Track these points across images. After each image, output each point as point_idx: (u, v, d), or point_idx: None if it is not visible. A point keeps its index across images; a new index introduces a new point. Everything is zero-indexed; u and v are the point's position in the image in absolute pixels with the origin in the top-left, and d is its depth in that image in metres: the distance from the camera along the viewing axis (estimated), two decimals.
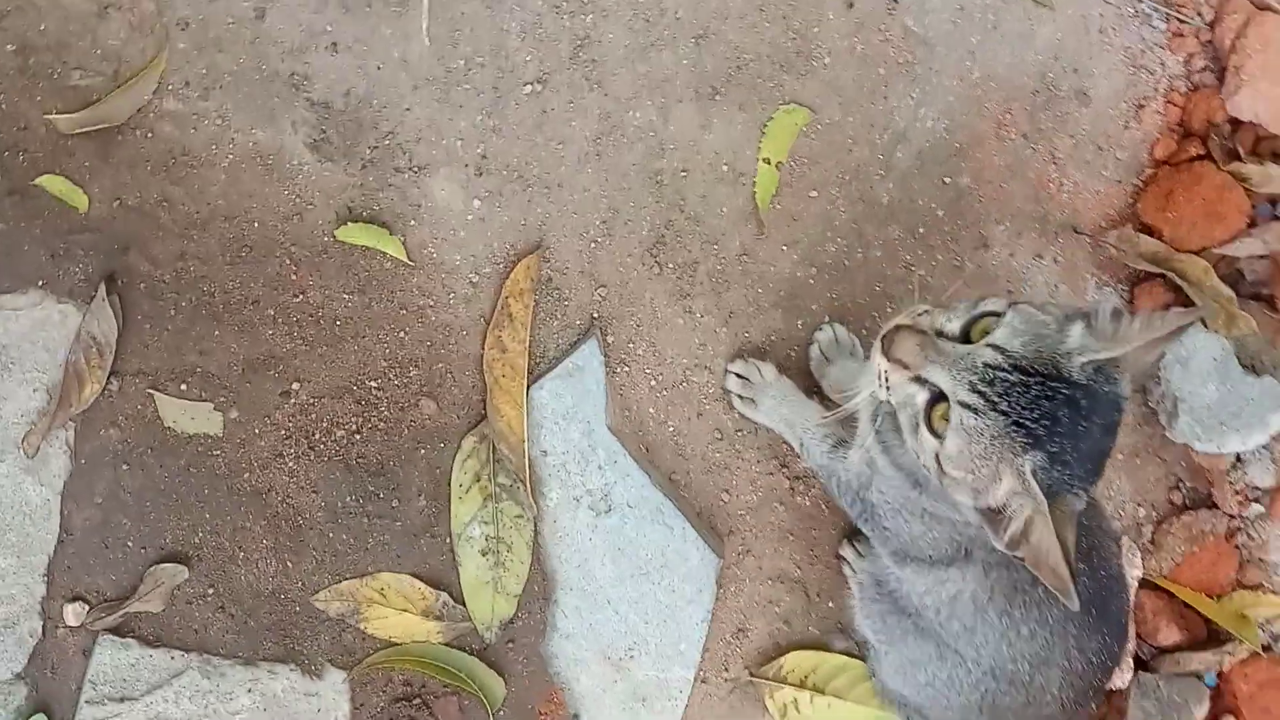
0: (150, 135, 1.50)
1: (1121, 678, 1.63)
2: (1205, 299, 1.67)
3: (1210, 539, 1.69)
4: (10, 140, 1.47)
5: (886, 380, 1.14)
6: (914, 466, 1.25)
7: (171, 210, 1.50)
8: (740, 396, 1.61)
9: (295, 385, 1.53)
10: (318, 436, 1.53)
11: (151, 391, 1.49)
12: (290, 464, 1.52)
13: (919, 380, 1.11)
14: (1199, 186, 1.69)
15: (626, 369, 1.60)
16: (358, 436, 1.54)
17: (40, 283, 1.47)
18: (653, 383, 1.61)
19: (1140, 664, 1.69)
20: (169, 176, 1.50)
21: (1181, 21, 1.74)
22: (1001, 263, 1.70)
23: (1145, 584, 1.70)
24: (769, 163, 1.63)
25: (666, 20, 1.62)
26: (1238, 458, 1.69)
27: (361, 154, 1.54)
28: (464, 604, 1.55)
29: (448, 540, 1.55)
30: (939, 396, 1.10)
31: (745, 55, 1.63)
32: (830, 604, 1.65)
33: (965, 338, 1.12)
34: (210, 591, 1.50)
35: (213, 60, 1.51)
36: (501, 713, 1.56)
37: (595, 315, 1.60)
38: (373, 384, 1.54)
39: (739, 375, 1.61)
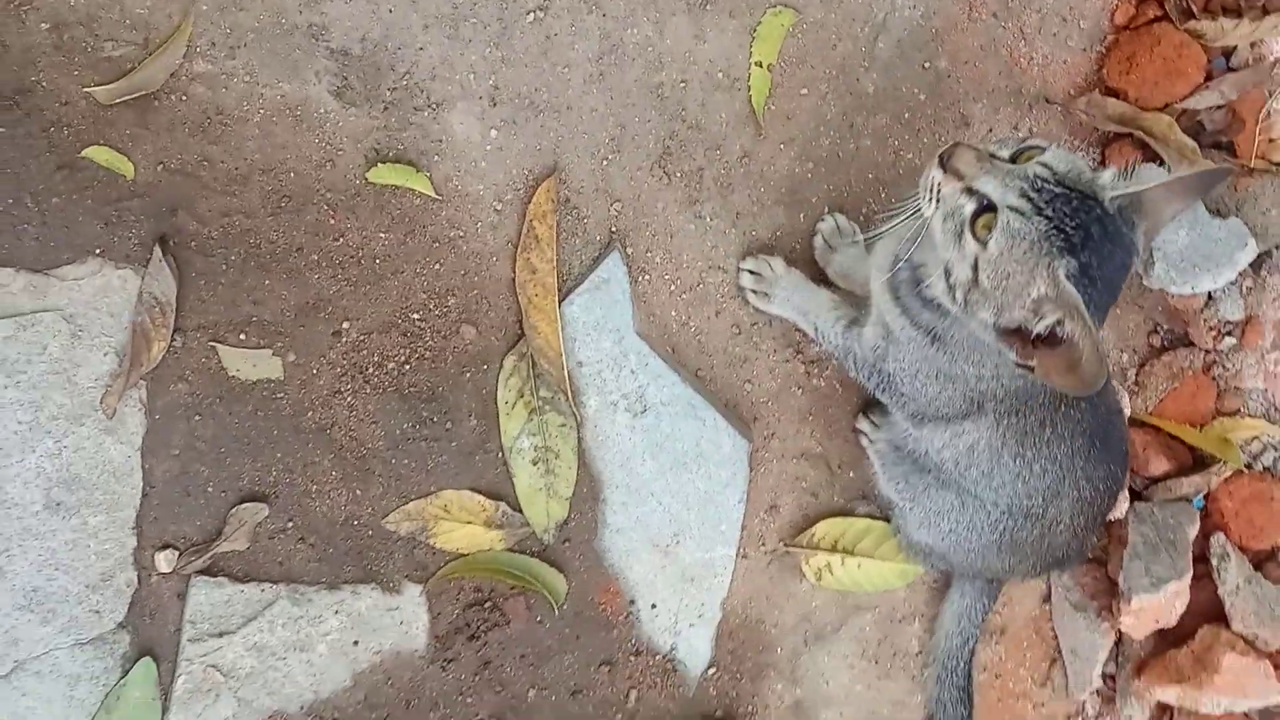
0: (185, 98, 1.57)
1: (1120, 508, 1.84)
2: (1171, 151, 1.82)
3: (1189, 374, 1.91)
4: (54, 116, 1.54)
5: (937, 193, 1.30)
6: (932, 322, 1.42)
7: (212, 169, 1.59)
8: (754, 291, 1.77)
9: (345, 324, 1.65)
10: (371, 370, 1.66)
11: (213, 344, 1.60)
12: (349, 399, 1.65)
13: (969, 191, 1.27)
14: (1158, 47, 1.86)
15: (647, 277, 1.76)
16: (407, 367, 1.67)
17: (98, 250, 1.55)
18: (672, 287, 1.77)
19: (1135, 495, 1.90)
20: (206, 136, 1.58)
21: None
22: (983, 138, 1.87)
23: (1133, 422, 1.89)
24: (761, 65, 1.77)
25: None
26: (1209, 296, 1.90)
27: (382, 96, 1.64)
28: (521, 511, 1.72)
29: (500, 454, 1.71)
30: (984, 208, 1.26)
31: None
32: (851, 474, 1.86)
33: (1013, 162, 1.30)
34: (290, 525, 1.64)
35: (235, 19, 1.58)
36: (565, 606, 1.74)
37: (614, 229, 1.74)
38: (415, 316, 1.68)
39: (751, 272, 1.77)
